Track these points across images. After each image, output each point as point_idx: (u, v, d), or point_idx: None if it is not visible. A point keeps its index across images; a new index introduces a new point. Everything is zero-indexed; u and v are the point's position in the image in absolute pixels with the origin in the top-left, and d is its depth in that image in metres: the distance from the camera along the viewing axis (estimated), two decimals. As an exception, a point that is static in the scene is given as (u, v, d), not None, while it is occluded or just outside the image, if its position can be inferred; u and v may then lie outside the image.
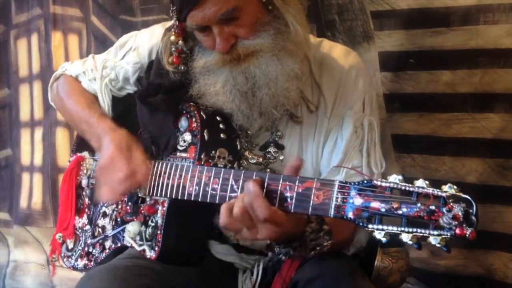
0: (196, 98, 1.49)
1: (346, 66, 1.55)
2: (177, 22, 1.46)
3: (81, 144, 1.82)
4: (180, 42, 1.49)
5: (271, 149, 1.53)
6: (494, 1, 2.04)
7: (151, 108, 1.55)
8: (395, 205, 1.11)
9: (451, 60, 2.12)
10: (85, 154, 1.81)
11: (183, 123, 1.51)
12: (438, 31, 2.14)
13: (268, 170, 1.51)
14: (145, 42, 1.66)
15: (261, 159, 1.53)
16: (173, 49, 1.50)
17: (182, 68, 1.51)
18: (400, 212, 1.10)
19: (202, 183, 1.37)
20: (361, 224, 1.15)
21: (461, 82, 2.11)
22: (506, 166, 2.08)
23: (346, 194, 1.17)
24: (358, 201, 1.15)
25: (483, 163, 2.11)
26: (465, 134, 2.13)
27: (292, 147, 1.54)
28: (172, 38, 1.49)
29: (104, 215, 1.68)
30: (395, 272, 1.55)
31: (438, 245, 1.08)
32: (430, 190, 1.09)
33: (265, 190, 1.24)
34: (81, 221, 1.76)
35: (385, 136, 2.23)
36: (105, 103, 1.70)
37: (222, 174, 1.34)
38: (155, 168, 1.50)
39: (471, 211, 1.07)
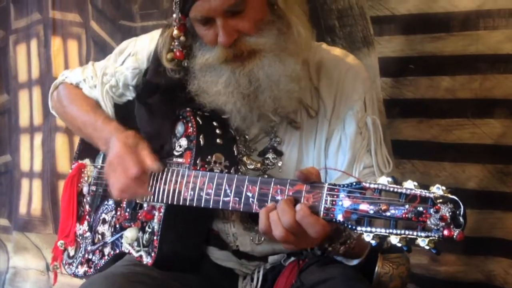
0: (194, 96, 1.48)
1: (343, 68, 1.54)
2: (179, 15, 1.44)
3: (83, 152, 1.82)
4: (182, 37, 1.47)
5: (270, 155, 1.52)
6: (494, 7, 2.04)
7: (149, 110, 1.54)
8: (384, 207, 1.10)
9: (451, 65, 2.12)
10: (87, 161, 1.81)
11: (180, 128, 1.50)
12: (438, 37, 2.14)
13: (266, 176, 1.50)
14: (144, 47, 1.65)
15: (259, 165, 1.52)
16: (175, 43, 1.48)
17: (186, 63, 1.49)
18: (388, 214, 1.10)
19: (197, 188, 1.37)
20: (350, 226, 1.15)
21: (461, 87, 2.11)
22: (506, 172, 2.08)
23: (335, 196, 1.17)
24: (347, 203, 1.15)
25: (483, 169, 2.11)
26: (465, 140, 2.12)
27: (291, 153, 1.53)
28: (175, 32, 1.47)
29: (104, 221, 1.67)
30: (395, 278, 1.54)
31: (427, 247, 1.07)
32: (418, 191, 1.09)
33: (256, 193, 1.26)
34: (82, 228, 1.76)
35: (386, 141, 2.23)
36: (108, 109, 1.69)
37: (216, 178, 1.35)
38: (151, 174, 1.49)
39: (458, 212, 1.06)
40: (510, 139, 2.06)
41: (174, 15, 1.46)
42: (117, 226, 1.61)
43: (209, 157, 1.44)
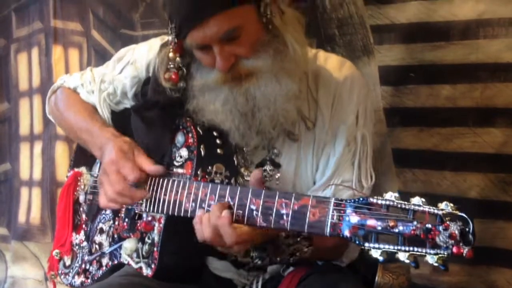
0: (193, 114, 1.48)
1: (341, 77, 1.54)
2: (176, 39, 1.44)
3: (78, 160, 1.81)
4: (178, 59, 1.48)
5: (267, 167, 1.51)
6: (494, 16, 2.04)
7: (147, 122, 1.54)
8: (391, 223, 1.10)
9: (452, 74, 2.12)
10: (83, 169, 1.80)
11: (180, 138, 1.50)
12: (438, 45, 2.14)
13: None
14: (143, 56, 1.65)
15: None
16: (171, 65, 1.49)
17: (181, 85, 1.49)
18: (396, 230, 1.09)
19: (199, 199, 1.36)
20: (357, 242, 1.13)
21: (462, 96, 2.11)
22: (508, 181, 2.07)
23: (342, 211, 1.16)
24: (354, 218, 1.14)
25: (485, 178, 2.10)
26: (466, 148, 2.12)
27: (289, 165, 1.53)
28: (171, 55, 1.47)
29: (101, 231, 1.66)
30: (396, 288, 1.54)
31: (435, 264, 1.07)
32: (426, 208, 1.08)
33: (261, 207, 1.26)
34: (78, 237, 1.75)
35: (386, 150, 2.23)
36: (105, 116, 1.69)
37: (218, 190, 1.34)
38: (151, 184, 1.48)
39: (467, 229, 1.06)
40: (511, 148, 2.05)
41: (170, 38, 1.46)
42: (115, 236, 1.60)
43: (209, 167, 1.44)
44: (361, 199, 1.15)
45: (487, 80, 2.07)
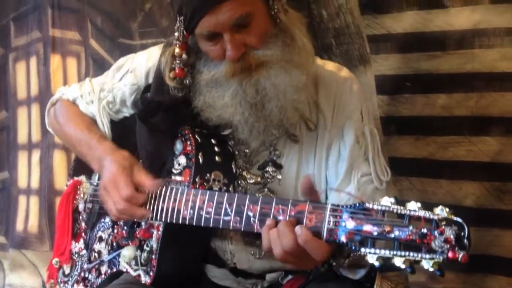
0: (200, 111, 1.47)
1: (340, 78, 1.56)
2: (183, 33, 1.44)
3: (78, 168, 1.81)
4: (184, 55, 1.47)
5: (269, 169, 1.52)
6: (489, 26, 2.06)
7: (151, 129, 1.54)
8: (388, 229, 1.10)
9: (447, 83, 2.14)
10: (82, 178, 1.80)
11: (178, 146, 1.50)
12: (434, 55, 2.15)
13: (266, 189, 1.51)
14: (142, 64, 1.66)
15: (259, 179, 1.52)
16: (177, 61, 1.48)
17: (187, 82, 1.49)
18: (392, 235, 1.10)
19: (197, 206, 1.36)
20: (353, 247, 1.14)
21: (457, 105, 2.13)
22: (503, 189, 2.08)
23: (338, 217, 1.17)
24: (351, 224, 1.15)
25: (480, 187, 2.11)
26: (462, 157, 2.13)
27: (290, 166, 1.53)
28: (177, 50, 1.47)
29: (100, 239, 1.67)
30: (394, 296, 1.54)
31: (431, 269, 1.07)
32: (422, 213, 1.09)
33: (258, 213, 1.26)
34: (78, 245, 1.75)
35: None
36: (104, 125, 1.69)
37: (216, 197, 1.34)
38: (151, 194, 1.49)
39: (463, 234, 1.07)
40: (506, 156, 2.07)
41: (176, 34, 1.46)
42: (114, 244, 1.60)
43: (208, 175, 1.44)
44: (357, 204, 1.15)
45: (482, 89, 2.09)
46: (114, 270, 1.58)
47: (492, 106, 2.08)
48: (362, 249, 1.12)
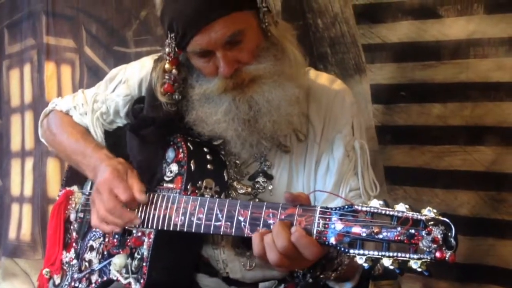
0: (192, 126, 1.48)
1: (332, 92, 1.56)
2: (174, 49, 1.44)
3: (70, 178, 1.81)
4: (174, 70, 1.48)
5: (260, 179, 1.52)
6: (484, 36, 2.07)
7: (142, 140, 1.54)
8: (376, 230, 1.11)
9: (442, 93, 2.14)
10: (75, 188, 1.79)
11: (170, 154, 1.50)
12: (429, 65, 2.16)
13: (257, 200, 1.50)
14: (134, 74, 1.66)
15: (250, 189, 1.52)
16: (166, 77, 1.48)
17: (176, 97, 1.49)
18: (380, 236, 1.11)
19: (188, 213, 1.37)
20: (342, 249, 1.15)
21: (452, 115, 2.13)
22: (498, 199, 2.08)
23: (327, 219, 1.18)
24: (340, 226, 1.16)
25: (475, 196, 2.11)
26: (457, 166, 2.13)
27: (281, 177, 1.53)
28: (167, 66, 1.47)
29: (91, 248, 1.65)
30: (387, 305, 1.53)
31: (419, 269, 1.08)
32: (409, 214, 1.10)
33: (248, 218, 1.26)
34: (69, 255, 1.74)
35: (377, 167, 2.23)
36: (98, 136, 1.68)
37: (207, 203, 1.34)
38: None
39: (450, 234, 1.07)
40: (501, 166, 2.07)
41: (167, 49, 1.45)
42: (105, 253, 1.59)
43: (199, 182, 1.44)
44: (346, 206, 1.16)
45: (477, 99, 2.09)
46: (105, 278, 1.57)
47: (487, 115, 2.08)
48: (351, 251, 1.13)
